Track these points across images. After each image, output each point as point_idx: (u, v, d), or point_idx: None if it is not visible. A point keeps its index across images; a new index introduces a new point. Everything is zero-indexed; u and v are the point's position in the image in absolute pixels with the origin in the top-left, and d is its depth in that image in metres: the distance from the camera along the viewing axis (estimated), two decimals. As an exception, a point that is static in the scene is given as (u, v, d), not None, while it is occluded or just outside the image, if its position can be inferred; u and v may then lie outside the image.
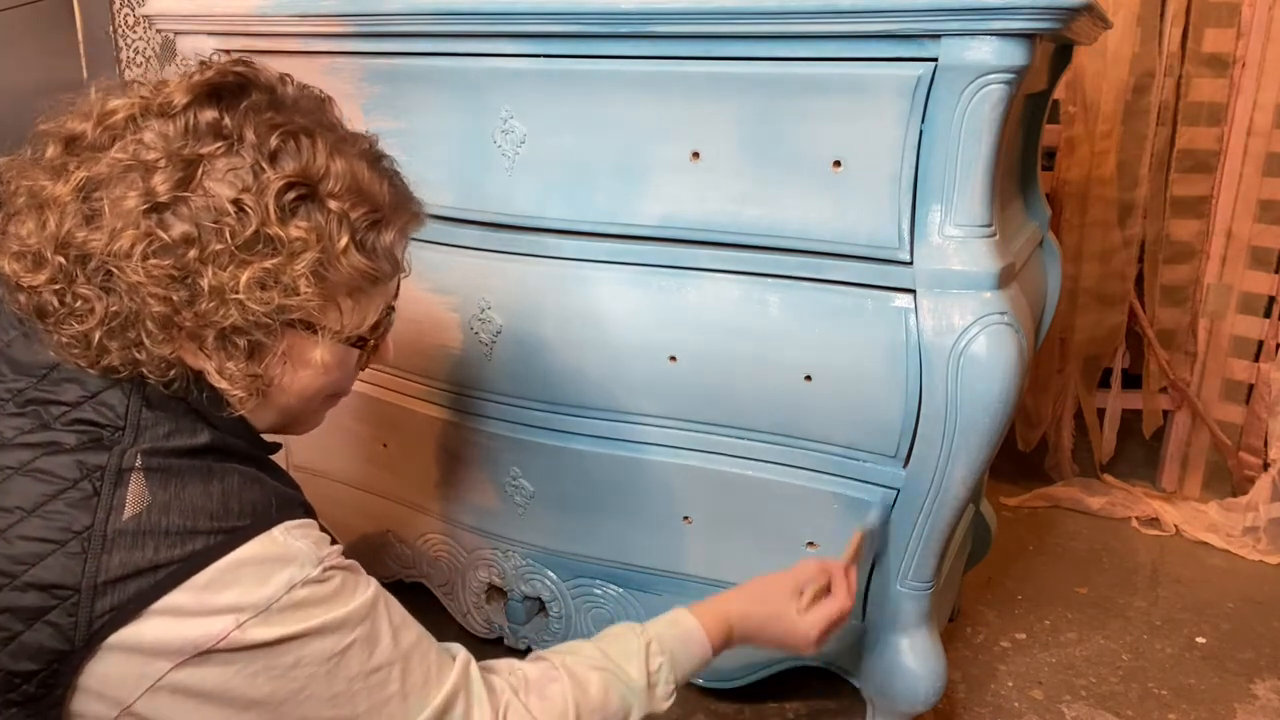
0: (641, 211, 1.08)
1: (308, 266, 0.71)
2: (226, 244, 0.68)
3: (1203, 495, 2.02)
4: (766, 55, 0.97)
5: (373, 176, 0.76)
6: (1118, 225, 1.93)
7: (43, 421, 0.70)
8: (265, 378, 0.75)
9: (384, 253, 0.77)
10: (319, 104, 0.79)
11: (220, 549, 0.67)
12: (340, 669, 0.71)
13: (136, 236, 0.67)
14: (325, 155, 0.73)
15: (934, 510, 1.05)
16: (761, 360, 1.06)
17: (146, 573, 0.65)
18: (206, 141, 0.70)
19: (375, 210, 0.76)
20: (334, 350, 0.78)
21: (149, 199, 0.68)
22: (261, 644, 0.67)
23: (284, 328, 0.73)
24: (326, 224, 0.72)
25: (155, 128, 0.70)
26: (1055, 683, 1.47)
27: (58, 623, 0.64)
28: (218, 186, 0.69)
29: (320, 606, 0.70)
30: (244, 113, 0.71)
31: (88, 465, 0.67)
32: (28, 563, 0.64)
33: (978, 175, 0.94)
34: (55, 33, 1.89)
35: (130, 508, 0.66)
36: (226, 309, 0.69)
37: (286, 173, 0.70)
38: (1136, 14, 1.80)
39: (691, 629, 0.92)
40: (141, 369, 0.71)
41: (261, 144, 0.70)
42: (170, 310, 0.69)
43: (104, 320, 0.69)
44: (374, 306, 0.81)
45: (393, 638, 0.75)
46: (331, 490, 1.50)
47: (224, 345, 0.72)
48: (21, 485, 0.66)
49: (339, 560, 0.74)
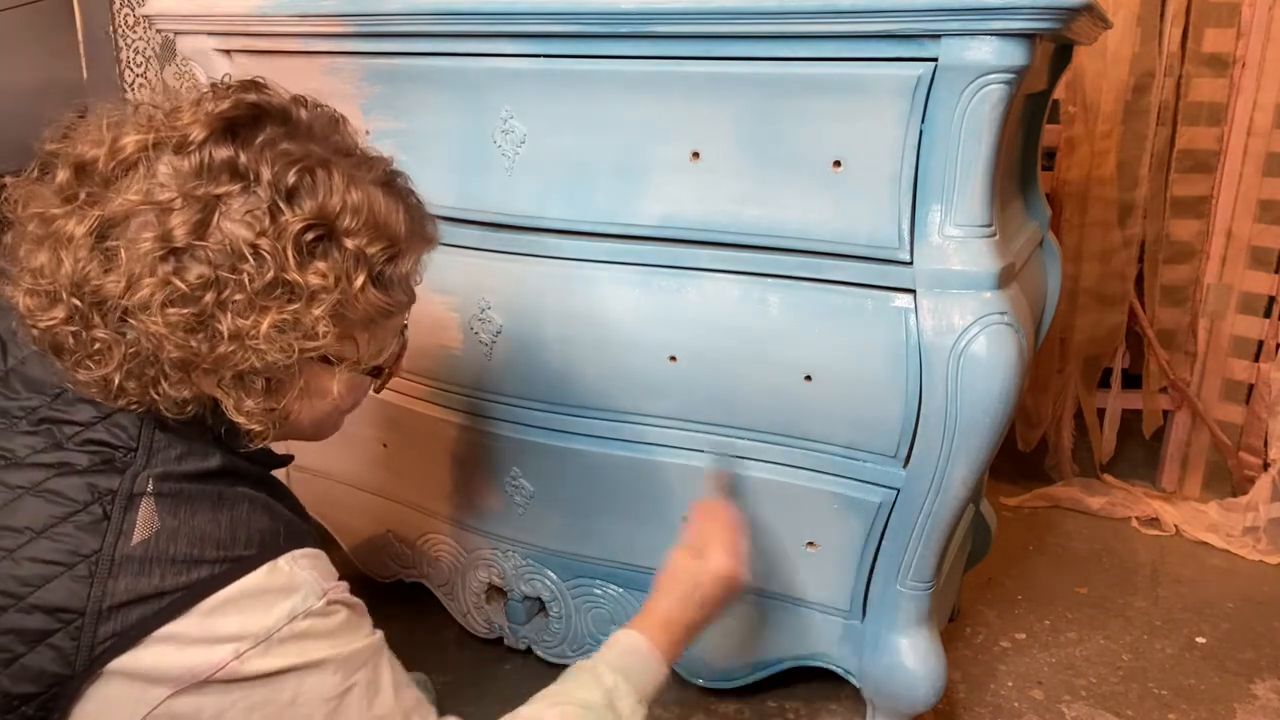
0: (641, 211, 1.08)
1: (326, 310, 0.71)
2: (245, 291, 0.68)
3: (1203, 495, 2.02)
4: (766, 55, 0.96)
5: (389, 205, 0.76)
6: (1118, 225, 1.93)
7: (55, 441, 0.70)
8: (282, 411, 0.75)
9: (400, 284, 0.78)
10: (333, 125, 0.78)
11: (225, 578, 0.67)
12: (339, 713, 0.70)
13: (155, 285, 0.66)
14: (342, 188, 0.72)
15: (934, 510, 1.05)
16: (761, 360, 1.06)
17: (151, 599, 0.65)
18: (222, 181, 0.69)
19: (392, 244, 0.75)
20: (350, 380, 0.79)
21: (165, 244, 0.67)
22: (261, 675, 0.67)
23: (302, 365, 0.73)
24: (344, 263, 0.72)
25: (169, 163, 0.69)
26: (1055, 683, 1.47)
27: (60, 646, 0.64)
28: (235, 228, 0.68)
29: (323, 640, 0.70)
30: (259, 149, 0.70)
31: (99, 489, 0.67)
32: (34, 584, 0.64)
33: (978, 175, 0.94)
34: (55, 33, 1.89)
35: (139, 533, 0.66)
36: (245, 353, 0.69)
37: (304, 214, 0.70)
38: (1136, 14, 1.80)
39: (632, 641, 0.91)
40: (159, 405, 0.71)
41: (278, 182, 0.69)
42: (189, 355, 0.69)
43: (122, 364, 0.69)
44: (390, 335, 0.82)
45: (395, 692, 0.74)
46: (332, 490, 1.50)
47: (241, 384, 0.72)
48: (32, 506, 0.66)
49: (344, 595, 0.73)
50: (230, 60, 1.26)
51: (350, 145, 0.78)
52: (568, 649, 1.36)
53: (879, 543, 1.12)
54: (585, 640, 1.34)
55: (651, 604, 0.96)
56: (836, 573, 1.16)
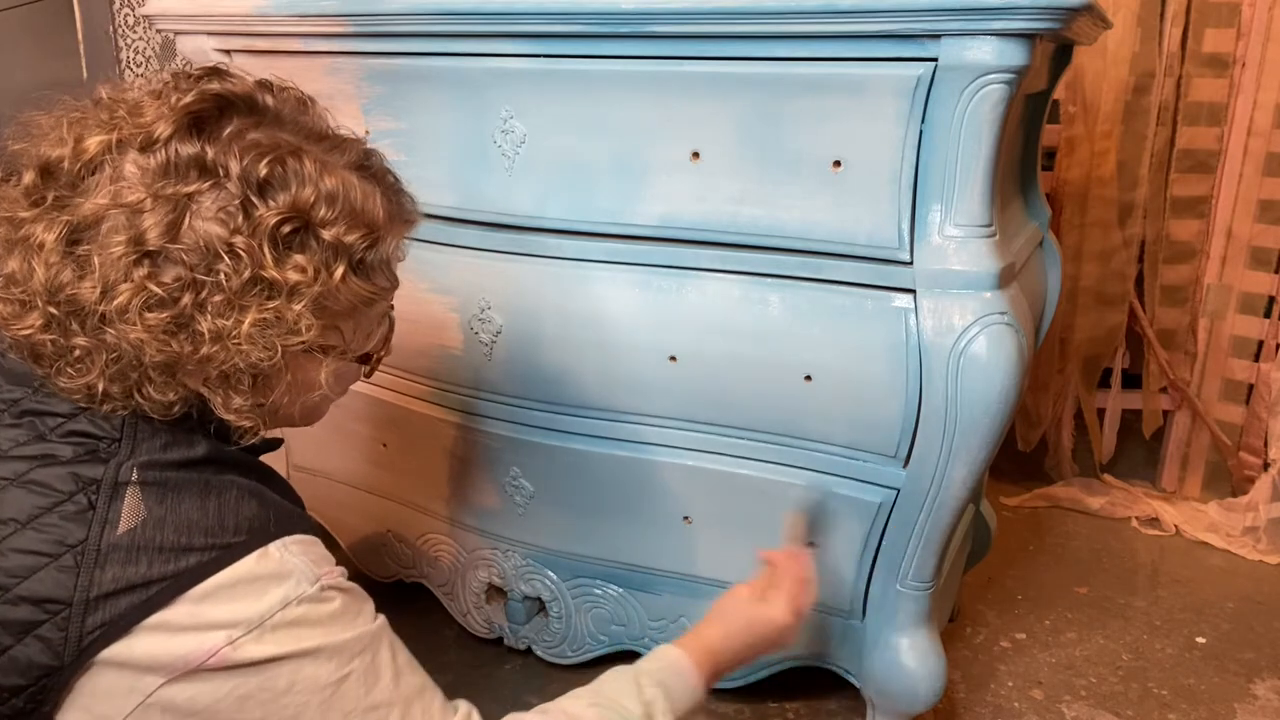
0: (641, 211, 1.08)
1: (308, 303, 0.70)
2: (224, 290, 0.67)
3: (1203, 495, 2.02)
4: (766, 55, 0.97)
5: (365, 189, 0.74)
6: (1118, 225, 1.93)
7: (38, 433, 0.69)
8: (271, 406, 0.74)
9: (382, 269, 0.77)
10: (301, 108, 0.76)
11: (214, 565, 0.66)
12: (335, 701, 0.69)
13: (131, 290, 0.65)
14: (315, 176, 0.70)
15: (934, 510, 1.05)
16: (761, 360, 1.06)
17: (139, 588, 0.64)
18: (191, 178, 0.67)
19: (371, 230, 0.74)
20: (338, 369, 0.78)
21: (138, 247, 0.65)
22: (254, 662, 0.66)
23: (288, 359, 0.72)
24: (323, 255, 0.70)
25: (135, 163, 0.67)
26: (1055, 683, 1.47)
27: (48, 637, 0.63)
28: (208, 227, 0.67)
29: (317, 628, 0.69)
30: (227, 142, 0.69)
31: (83, 478, 0.66)
32: (20, 576, 0.63)
33: (978, 175, 0.94)
34: (55, 33, 1.89)
35: (125, 522, 0.65)
36: (229, 353, 0.68)
37: (278, 207, 0.68)
38: (1136, 14, 1.80)
39: (676, 659, 0.91)
40: (144, 409, 0.70)
41: (248, 175, 0.68)
42: (172, 358, 0.68)
43: (104, 370, 0.68)
44: (375, 320, 0.81)
45: (394, 678, 0.73)
46: (331, 490, 1.50)
47: (228, 382, 0.71)
48: (16, 497, 0.65)
49: (339, 581, 0.72)
50: (230, 60, 1.26)
51: (321, 128, 0.76)
52: (568, 649, 1.36)
53: (879, 543, 1.12)
54: (585, 640, 1.34)
55: (702, 629, 0.96)
56: (836, 573, 1.16)
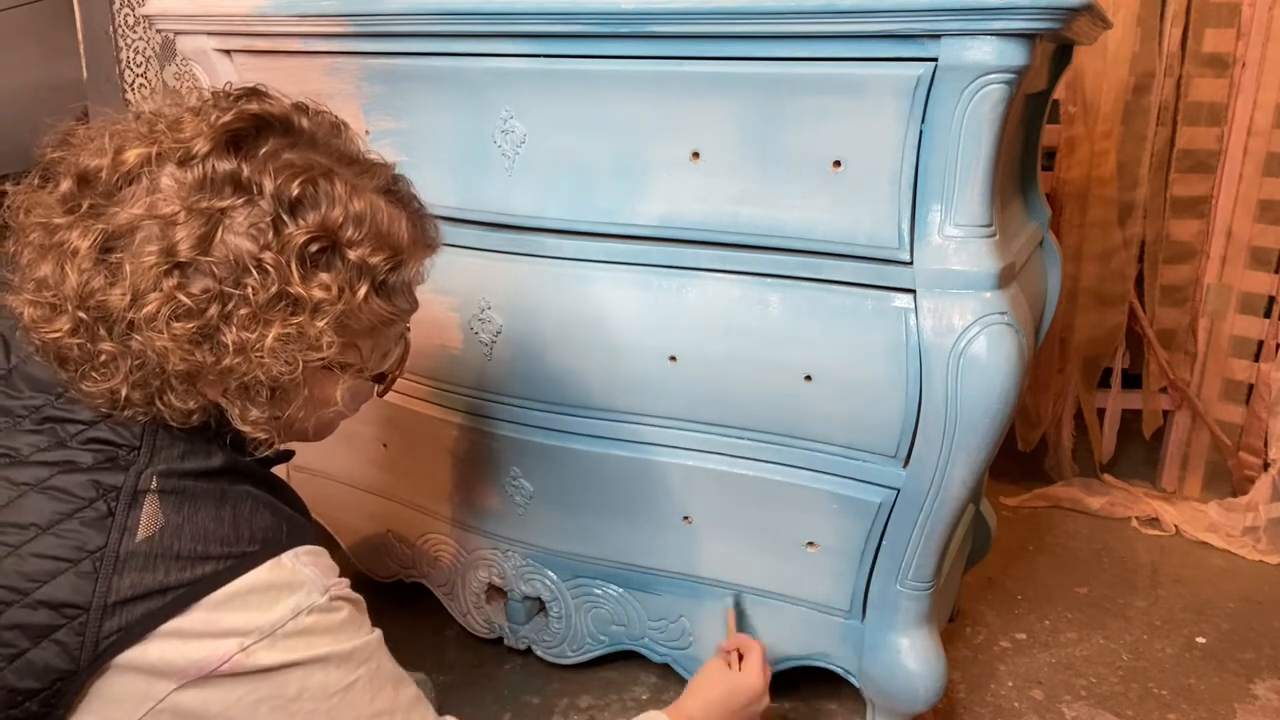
0: (641, 211, 1.08)
1: (330, 321, 0.71)
2: (250, 304, 0.68)
3: (1203, 495, 2.02)
4: (766, 55, 0.96)
5: (392, 213, 0.76)
6: (1118, 225, 1.93)
7: (59, 439, 0.70)
8: (287, 419, 0.76)
9: (403, 292, 0.78)
10: (334, 132, 0.78)
11: (229, 573, 0.68)
12: (343, 707, 0.71)
13: (160, 299, 0.67)
14: (345, 198, 0.72)
15: (934, 510, 1.05)
16: (761, 360, 1.06)
17: (155, 595, 0.66)
18: (225, 194, 0.69)
19: (395, 253, 0.76)
20: (354, 386, 0.80)
21: (170, 258, 0.67)
22: (266, 669, 0.67)
23: (306, 374, 0.73)
24: (347, 274, 0.72)
25: (172, 176, 0.69)
26: (1055, 683, 1.47)
27: (64, 641, 0.64)
28: (239, 241, 0.68)
29: (327, 636, 0.71)
30: (262, 161, 0.70)
31: (103, 485, 0.68)
32: (40, 580, 0.65)
33: (978, 175, 0.94)
34: (55, 33, 1.90)
35: (144, 530, 0.67)
36: (250, 365, 0.70)
37: (308, 226, 0.70)
38: (1136, 14, 1.80)
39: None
40: (164, 416, 0.71)
41: (281, 194, 0.69)
42: (195, 367, 0.69)
43: (128, 376, 0.69)
44: (392, 341, 0.82)
45: (395, 686, 0.76)
46: (332, 490, 1.50)
47: (246, 394, 0.72)
48: (37, 502, 0.67)
49: (346, 591, 0.74)
50: (230, 60, 1.26)
51: (352, 152, 0.78)
52: (567, 649, 1.36)
53: (879, 543, 1.12)
54: (585, 640, 1.34)
55: (684, 701, 1.03)
56: (836, 573, 1.16)
